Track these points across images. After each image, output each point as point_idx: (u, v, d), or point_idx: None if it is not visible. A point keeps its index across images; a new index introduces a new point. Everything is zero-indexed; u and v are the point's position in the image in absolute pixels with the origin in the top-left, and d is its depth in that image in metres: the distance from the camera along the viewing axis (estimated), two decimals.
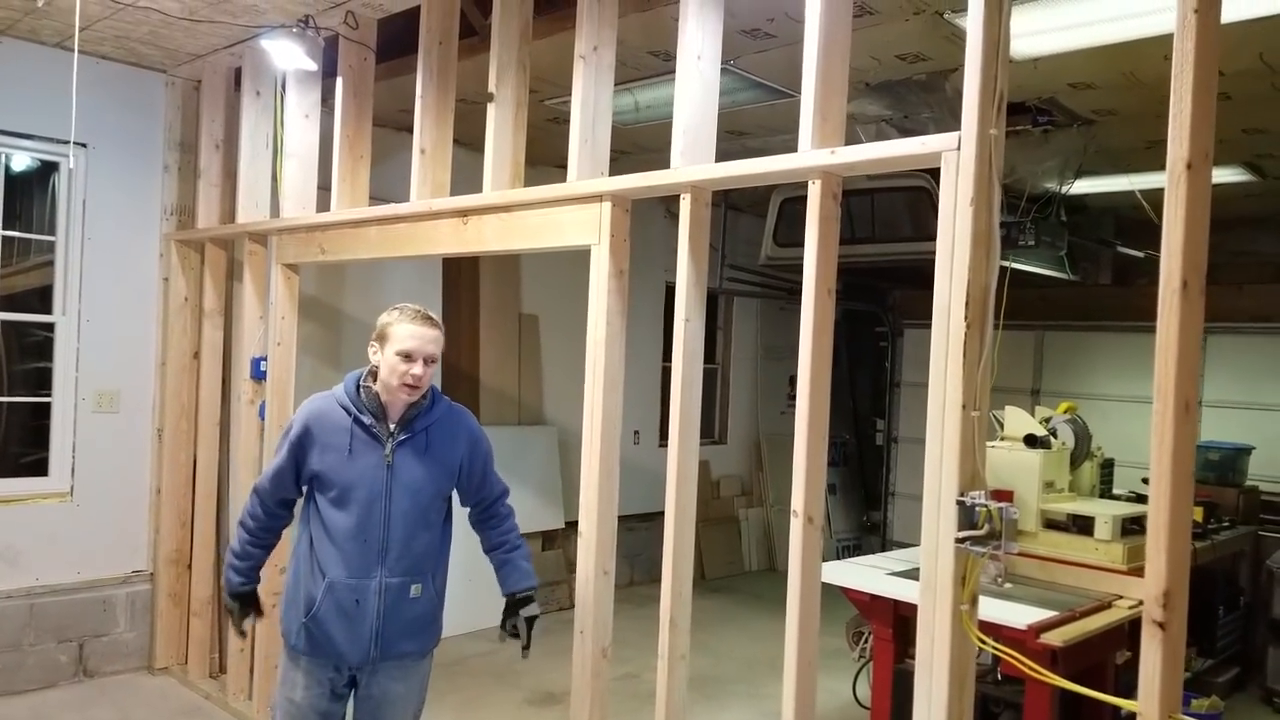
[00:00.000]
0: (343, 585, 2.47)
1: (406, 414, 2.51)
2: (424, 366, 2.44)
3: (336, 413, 2.50)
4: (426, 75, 3.44)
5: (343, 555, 2.46)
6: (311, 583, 2.50)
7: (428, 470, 2.52)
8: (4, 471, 4.52)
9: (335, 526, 2.47)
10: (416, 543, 2.52)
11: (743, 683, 5.16)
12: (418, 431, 2.52)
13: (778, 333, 8.45)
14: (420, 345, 2.44)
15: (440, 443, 2.56)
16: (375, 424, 2.49)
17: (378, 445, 2.48)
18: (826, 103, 2.31)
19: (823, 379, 2.36)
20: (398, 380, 2.43)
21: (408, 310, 2.49)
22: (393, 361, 2.44)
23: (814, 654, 2.46)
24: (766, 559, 8.09)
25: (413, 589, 2.52)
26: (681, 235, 2.64)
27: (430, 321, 2.49)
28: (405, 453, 2.49)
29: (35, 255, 4.83)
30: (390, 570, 2.48)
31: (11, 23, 4.10)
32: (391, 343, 2.45)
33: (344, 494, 2.46)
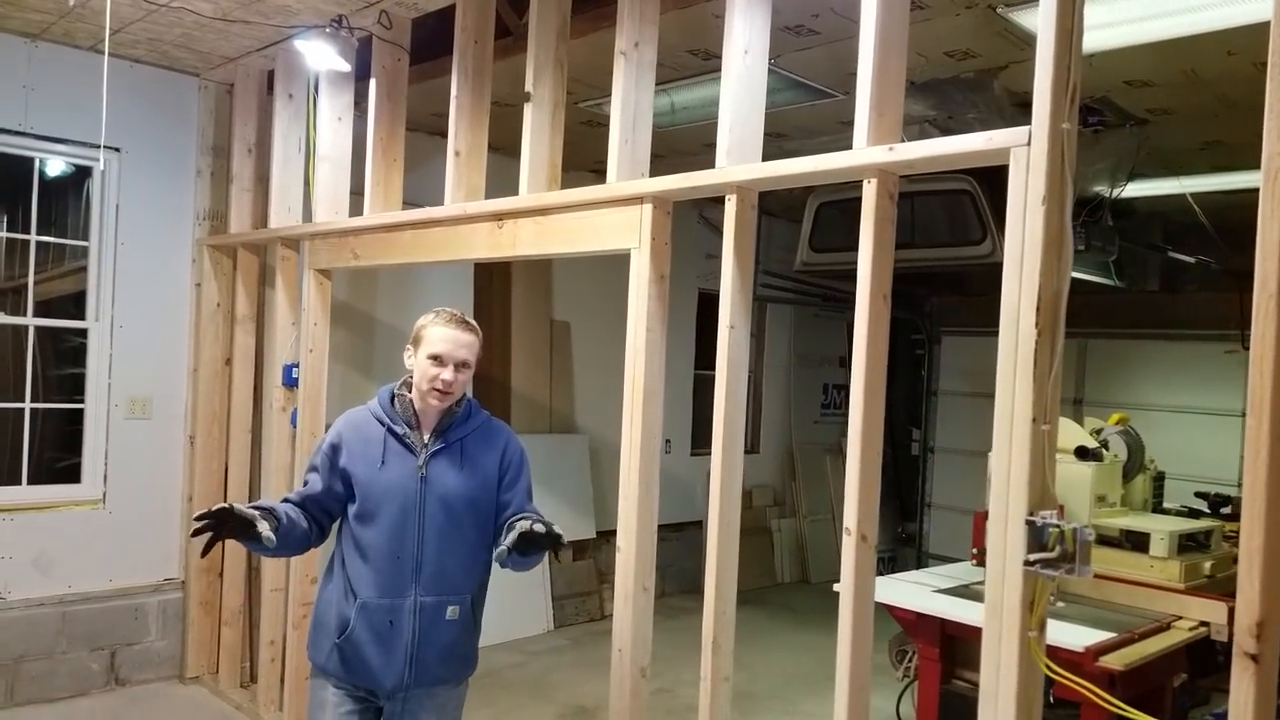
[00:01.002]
0: (376, 605, 2.34)
1: (441, 423, 2.40)
2: (455, 372, 2.33)
3: (370, 423, 2.41)
4: (461, 76, 3.37)
5: (375, 573, 2.34)
6: (344, 603, 2.38)
7: (463, 482, 2.39)
8: (37, 478, 4.49)
9: (367, 542, 2.36)
10: (452, 559, 2.38)
11: (778, 699, 5.03)
12: (453, 442, 2.40)
13: (811, 340, 8.32)
14: (452, 349, 2.34)
15: (477, 454, 2.43)
16: (409, 433, 2.38)
17: (411, 456, 2.37)
18: (883, 97, 2.20)
19: (877, 389, 2.25)
20: (427, 384, 2.34)
21: (444, 313, 2.40)
22: (424, 365, 2.35)
23: (866, 678, 2.33)
24: (800, 571, 7.94)
25: (449, 610, 2.37)
26: (726, 239, 2.53)
27: (465, 326, 2.40)
28: (440, 464, 2.38)
29: (70, 261, 4.82)
30: (425, 589, 2.35)
31: (46, 26, 4.09)
32: (424, 345, 2.36)
33: (376, 507, 2.35)
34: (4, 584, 4.26)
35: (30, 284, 4.51)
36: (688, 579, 7.16)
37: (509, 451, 2.48)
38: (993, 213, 4.86)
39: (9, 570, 4.27)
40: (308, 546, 2.44)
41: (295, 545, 2.40)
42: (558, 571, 6.20)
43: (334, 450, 2.41)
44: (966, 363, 7.79)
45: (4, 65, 4.22)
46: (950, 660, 3.67)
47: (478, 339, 2.41)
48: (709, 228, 6.82)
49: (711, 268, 6.82)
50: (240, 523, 2.21)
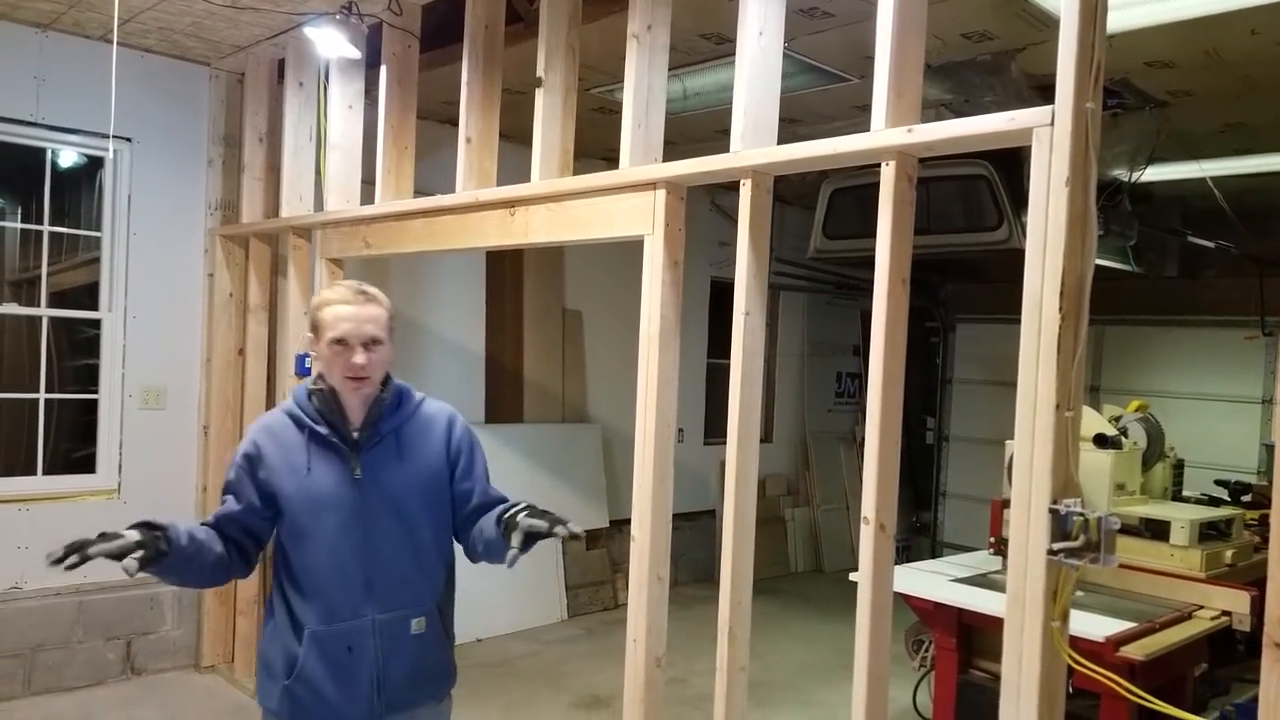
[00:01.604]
0: (327, 633, 2.01)
1: (370, 415, 2.06)
2: (366, 352, 1.99)
3: (288, 427, 2.06)
4: (472, 62, 3.34)
5: (321, 598, 2.01)
6: (290, 640, 2.04)
7: (408, 477, 2.07)
8: (53, 469, 4.51)
9: (306, 564, 2.02)
10: (408, 566, 2.06)
11: (791, 688, 5.01)
12: (386, 434, 2.07)
13: (825, 328, 8.27)
14: (355, 328, 1.99)
15: (418, 443, 2.10)
16: (333, 433, 2.04)
17: (340, 458, 2.03)
18: (902, 78, 2.16)
19: (895, 376, 2.21)
20: (339, 372, 2.00)
21: (337, 289, 2.08)
22: (328, 354, 2.01)
23: (885, 668, 2.31)
24: (813, 560, 7.92)
25: (413, 624, 2.06)
26: (741, 224, 2.49)
27: (366, 298, 2.04)
28: (376, 460, 2.05)
29: (83, 252, 4.83)
30: (381, 605, 2.03)
31: (56, 16, 4.07)
32: (323, 331, 2.01)
33: (310, 521, 2.01)
34: (20, 574, 4.27)
35: (44, 275, 4.51)
36: (701, 568, 7.15)
37: (455, 433, 2.15)
38: (1009, 198, 4.80)
39: (25, 560, 4.28)
40: (227, 575, 2.07)
41: (208, 573, 2.02)
42: (571, 561, 6.20)
43: (249, 461, 2.04)
44: (982, 350, 7.74)
45: (14, 56, 4.21)
46: (968, 650, 3.65)
47: (384, 310, 2.05)
48: (721, 215, 6.77)
49: (724, 255, 6.80)
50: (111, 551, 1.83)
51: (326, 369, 2.03)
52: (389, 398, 2.09)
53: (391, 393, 2.10)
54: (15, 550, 4.26)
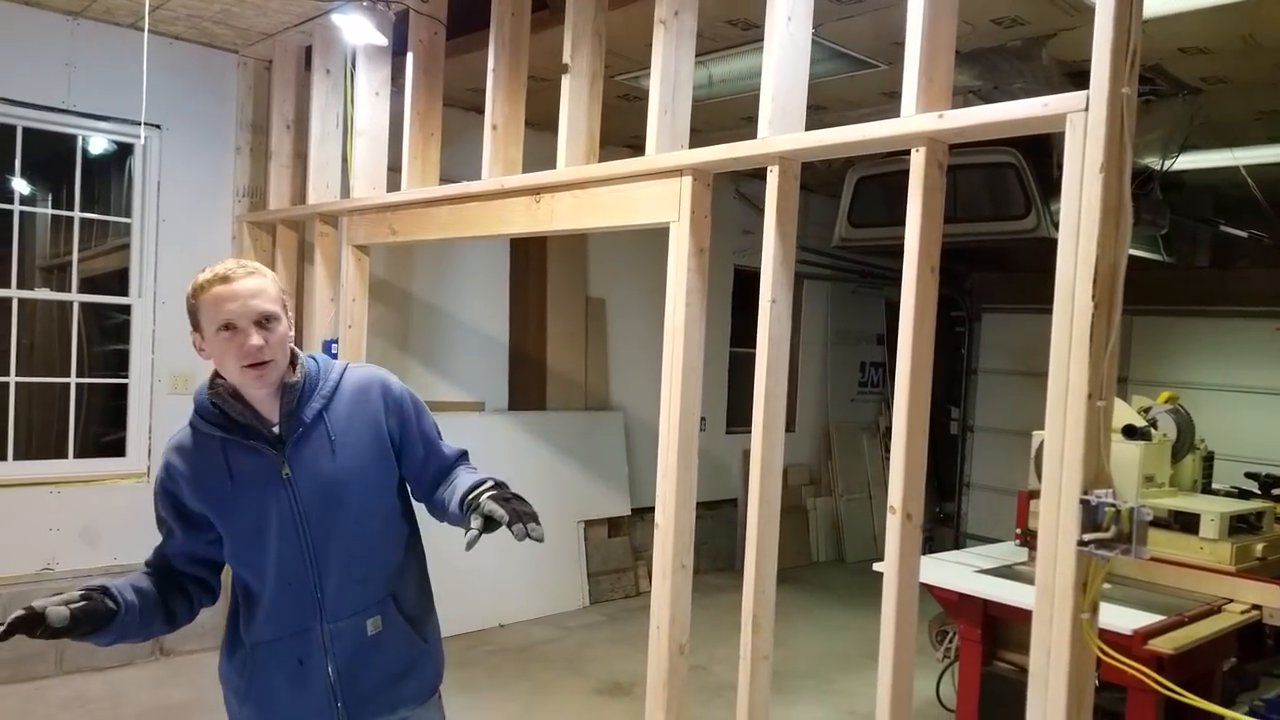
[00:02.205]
0: (275, 648, 1.81)
1: (287, 402, 1.78)
2: (261, 331, 1.70)
3: (198, 440, 1.80)
4: (498, 48, 3.34)
5: (267, 612, 1.81)
6: (230, 659, 1.88)
7: (344, 459, 1.80)
8: (84, 452, 4.58)
9: (250, 579, 1.82)
10: (358, 563, 1.83)
11: (812, 677, 5.01)
12: (310, 421, 1.79)
13: (849, 317, 8.23)
14: (240, 307, 1.68)
15: (350, 419, 1.83)
16: (248, 434, 1.77)
17: (263, 459, 1.77)
18: (932, 63, 2.13)
19: (924, 364, 2.19)
20: (236, 364, 1.71)
21: (210, 269, 1.74)
22: (218, 344, 1.71)
23: (911, 658, 2.30)
24: (835, 550, 7.90)
25: (369, 624, 1.83)
26: (768, 211, 2.48)
27: (245, 270, 1.73)
28: (306, 450, 1.78)
29: (113, 238, 4.89)
30: (331, 612, 1.80)
31: (87, 4, 4.11)
32: (205, 320, 1.71)
33: (248, 535, 1.78)
34: (52, 555, 4.35)
35: (75, 261, 4.57)
36: (722, 557, 7.16)
37: (390, 396, 1.88)
38: (1038, 186, 4.74)
39: (57, 541, 4.37)
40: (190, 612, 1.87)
41: (154, 623, 1.79)
42: (593, 548, 6.22)
43: (167, 492, 1.81)
44: (1008, 340, 7.67)
45: (46, 43, 4.25)
46: (992, 641, 3.63)
47: (269, 281, 1.75)
48: (745, 203, 6.74)
49: (748, 243, 6.78)
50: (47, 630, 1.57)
51: (220, 363, 1.74)
52: (301, 379, 1.80)
53: (304, 372, 1.80)
54: (47, 532, 4.35)
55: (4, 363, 4.36)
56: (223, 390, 1.78)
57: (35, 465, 4.43)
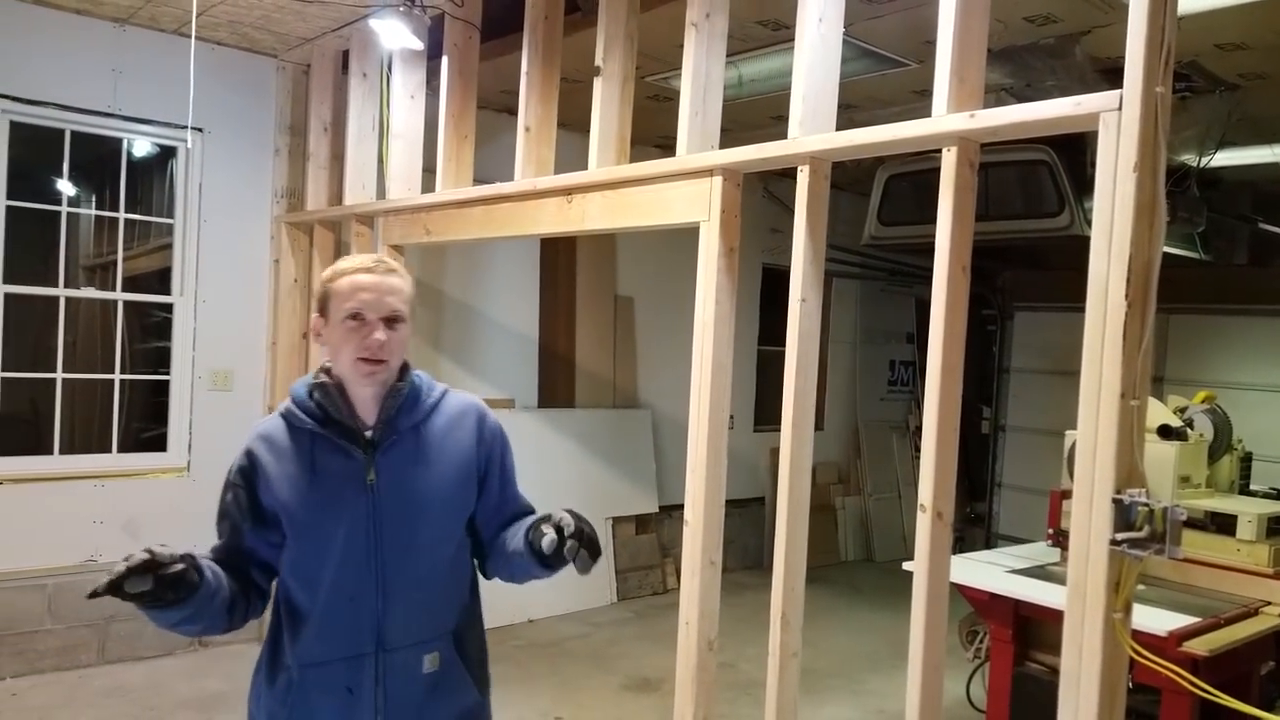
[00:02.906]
0: (325, 671, 1.68)
1: (386, 409, 1.73)
2: (386, 329, 1.67)
3: (287, 432, 1.73)
4: (532, 51, 3.38)
5: (321, 629, 1.68)
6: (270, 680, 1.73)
7: (430, 481, 1.74)
8: (126, 447, 4.69)
9: (307, 589, 1.70)
10: (426, 590, 1.73)
11: (841, 676, 5.01)
12: (404, 432, 1.74)
13: (878, 316, 8.20)
14: (375, 299, 1.67)
15: (442, 442, 1.77)
16: (341, 433, 1.71)
17: (352, 460, 1.70)
18: (964, 62, 2.14)
19: (955, 362, 2.20)
20: (352, 355, 1.67)
21: (353, 259, 1.76)
22: (341, 331, 1.67)
23: (941, 657, 2.30)
24: (864, 549, 7.88)
25: (426, 660, 1.72)
26: (799, 210, 2.50)
27: (386, 267, 1.73)
28: (393, 462, 1.72)
29: (155, 238, 5.00)
30: (390, 637, 1.69)
31: (133, 11, 4.21)
32: (335, 305, 1.69)
33: (315, 538, 1.69)
34: (96, 547, 4.46)
35: (119, 260, 4.68)
36: (751, 555, 7.17)
37: (485, 430, 1.83)
38: (1071, 184, 4.70)
39: (100, 534, 4.47)
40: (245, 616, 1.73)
41: (219, 614, 1.66)
42: (620, 545, 6.26)
43: (244, 478, 1.71)
44: (1041, 339, 7.60)
45: (95, 49, 4.36)
46: (1023, 642, 3.61)
47: (407, 284, 1.74)
48: (774, 202, 6.74)
49: (776, 242, 6.78)
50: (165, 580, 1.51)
51: (336, 352, 1.70)
52: (407, 389, 1.76)
53: (410, 384, 1.77)
54: (91, 524, 4.45)
55: (51, 359, 4.48)
56: (329, 384, 1.72)
57: (80, 459, 4.54)
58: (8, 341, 4.28)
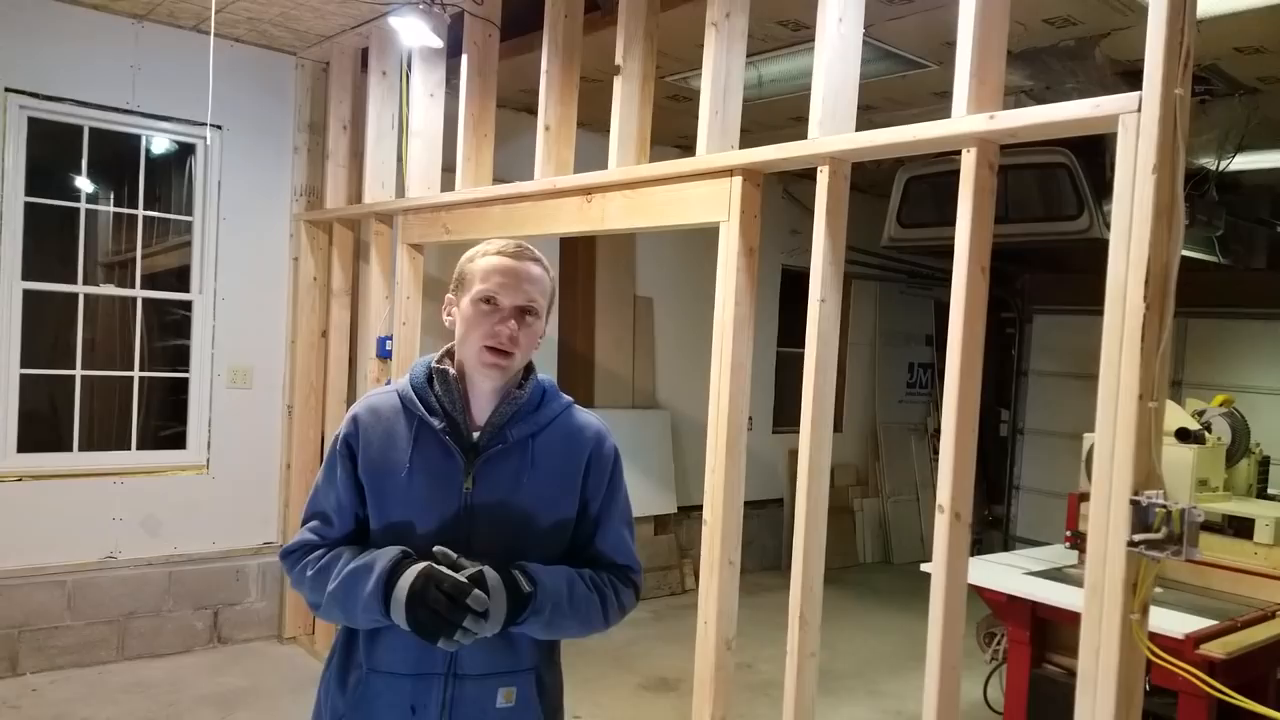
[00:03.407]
0: (390, 681, 1.55)
1: (500, 412, 1.59)
2: (519, 321, 1.55)
3: (396, 412, 1.60)
4: (552, 50, 3.40)
5: (393, 635, 1.53)
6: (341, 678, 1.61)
7: (531, 501, 1.58)
8: (145, 444, 4.73)
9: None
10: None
11: (858, 678, 5.00)
12: (515, 441, 1.59)
13: (896, 318, 8.18)
14: (513, 284, 1.55)
15: (553, 460, 1.61)
16: (448, 427, 1.57)
17: (453, 460, 1.56)
18: (984, 63, 2.13)
19: (973, 363, 2.20)
20: (476, 343, 1.55)
21: (495, 242, 1.62)
22: (472, 314, 1.55)
23: (958, 659, 2.30)
24: (881, 551, 7.86)
25: (501, 695, 1.56)
26: (818, 211, 2.50)
27: (530, 255, 1.60)
28: (496, 472, 1.57)
29: (174, 236, 5.04)
30: (463, 664, 1.54)
31: (152, 7, 4.25)
32: (470, 285, 1.57)
33: (397, 534, 1.55)
34: (115, 544, 4.50)
35: (138, 258, 4.72)
36: (769, 556, 7.17)
37: (599, 453, 1.66)
38: (1090, 186, 4.68)
39: (120, 531, 4.52)
40: None
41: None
42: (639, 546, 6.26)
43: (349, 449, 1.59)
44: (1060, 342, 7.56)
45: (113, 46, 4.40)
46: (1041, 644, 3.60)
47: (547, 276, 1.62)
48: (793, 203, 6.74)
49: (795, 243, 6.78)
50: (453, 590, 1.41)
51: (464, 334, 1.58)
52: (528, 395, 1.61)
53: (532, 390, 1.62)
54: (111, 521, 4.49)
55: (70, 356, 4.52)
56: (449, 371, 1.60)
57: (99, 456, 4.58)
58: (27, 338, 4.32)
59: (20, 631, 4.26)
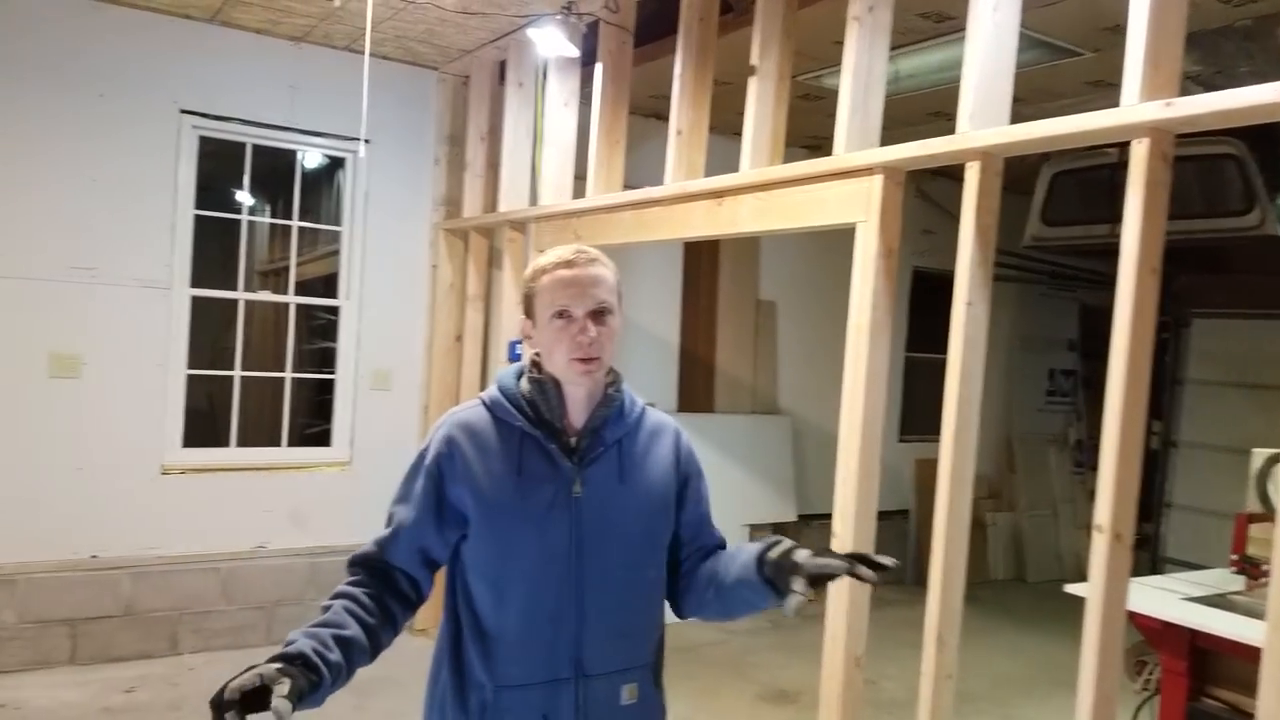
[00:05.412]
0: (519, 696, 1.54)
1: (595, 416, 1.61)
2: (596, 324, 1.55)
3: (491, 425, 1.60)
4: (686, 54, 3.39)
5: (515, 648, 1.55)
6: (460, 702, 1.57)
7: (633, 501, 1.61)
8: (294, 441, 4.98)
9: (499, 606, 1.56)
10: (629, 616, 1.61)
11: (990, 700, 4.77)
12: (609, 445, 1.61)
13: (1036, 322, 7.78)
14: (579, 293, 1.54)
15: (644, 459, 1.65)
16: (550, 435, 1.59)
17: (557, 469, 1.57)
18: (1159, 46, 1.98)
19: (1140, 371, 2.05)
20: (564, 355, 1.55)
21: (553, 253, 1.62)
22: (550, 332, 1.56)
23: (1114, 688, 2.16)
24: (1015, 568, 7.49)
25: (625, 691, 1.59)
26: (966, 209, 2.40)
27: (587, 257, 1.60)
28: (598, 476, 1.59)
29: (323, 245, 5.30)
30: (591, 663, 1.56)
31: (309, 29, 4.48)
32: (540, 305, 1.58)
33: (512, 548, 1.55)
34: (266, 535, 4.75)
35: (292, 266, 4.98)
36: (893, 570, 6.93)
37: (683, 448, 1.72)
38: (1264, 179, 4.32)
39: (270, 523, 4.76)
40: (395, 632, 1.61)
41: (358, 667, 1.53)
42: None
43: (438, 470, 1.58)
44: (1220, 348, 7.02)
45: (274, 67, 4.66)
46: (1199, 675, 3.34)
47: (611, 272, 1.62)
48: (926, 201, 6.52)
49: (928, 244, 6.54)
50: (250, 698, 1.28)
51: (548, 354, 1.59)
52: (618, 395, 1.64)
53: (620, 390, 1.65)
54: (262, 513, 4.74)
55: (229, 358, 4.81)
56: (545, 380, 1.60)
57: (253, 452, 4.84)
58: (192, 341, 4.60)
59: (180, 614, 4.54)
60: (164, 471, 4.51)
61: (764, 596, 1.55)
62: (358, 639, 1.51)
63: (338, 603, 1.56)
